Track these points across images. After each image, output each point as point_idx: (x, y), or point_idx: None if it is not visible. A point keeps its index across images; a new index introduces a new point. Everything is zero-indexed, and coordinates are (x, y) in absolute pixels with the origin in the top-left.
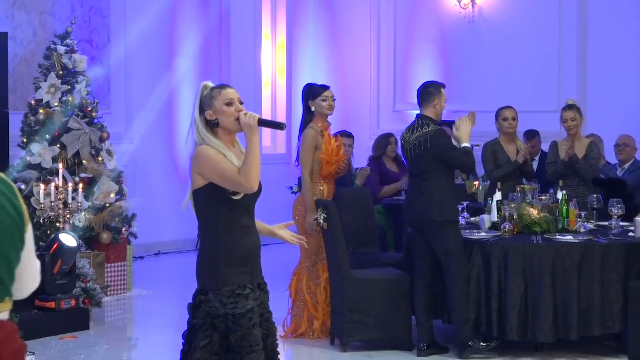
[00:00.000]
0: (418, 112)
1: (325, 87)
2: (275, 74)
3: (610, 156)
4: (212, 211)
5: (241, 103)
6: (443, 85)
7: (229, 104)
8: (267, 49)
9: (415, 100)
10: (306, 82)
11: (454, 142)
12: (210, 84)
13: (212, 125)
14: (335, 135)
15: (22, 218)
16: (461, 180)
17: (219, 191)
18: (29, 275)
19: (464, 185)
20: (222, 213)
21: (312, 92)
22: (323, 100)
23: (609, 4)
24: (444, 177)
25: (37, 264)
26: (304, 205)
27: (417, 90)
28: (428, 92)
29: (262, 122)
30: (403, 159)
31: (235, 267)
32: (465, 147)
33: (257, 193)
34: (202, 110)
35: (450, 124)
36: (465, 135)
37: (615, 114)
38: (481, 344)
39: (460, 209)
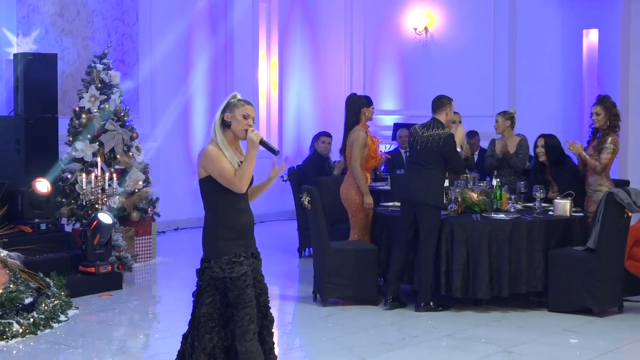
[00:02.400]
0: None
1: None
2: (269, 87)
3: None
4: (213, 196)
5: (253, 120)
6: (452, 99)
7: (245, 117)
8: (263, 67)
9: (380, 107)
10: (351, 93)
11: None
12: (239, 96)
13: (225, 125)
14: (324, 134)
15: None
16: None
17: (218, 182)
18: None
19: None
20: (221, 198)
21: (366, 101)
22: (373, 108)
23: (535, 30)
24: (441, 170)
25: None
26: (351, 190)
27: (433, 99)
28: (442, 102)
29: (262, 143)
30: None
31: (232, 240)
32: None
33: (250, 182)
34: (224, 110)
35: (408, 126)
36: (459, 140)
37: (538, 119)
38: (438, 307)
39: None
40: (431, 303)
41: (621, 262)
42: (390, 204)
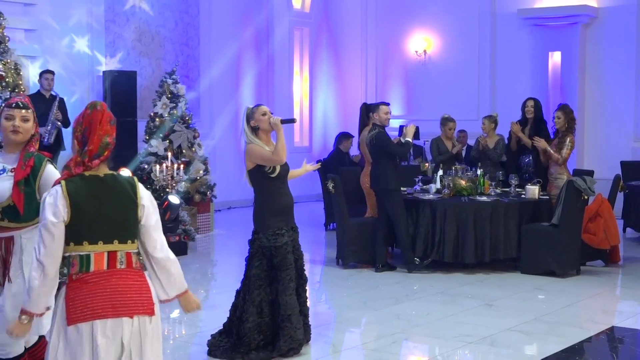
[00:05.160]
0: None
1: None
2: (302, 97)
3: None
4: (260, 183)
5: (270, 112)
6: (385, 104)
7: (264, 114)
8: (297, 81)
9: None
10: (362, 103)
11: (401, 138)
12: (251, 106)
13: (255, 130)
14: (346, 136)
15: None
16: (417, 162)
17: (262, 171)
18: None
19: (419, 166)
20: (266, 184)
21: (373, 107)
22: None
23: (511, 52)
24: (387, 161)
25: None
26: (365, 177)
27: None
28: (372, 108)
29: (283, 121)
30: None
31: (276, 217)
32: (407, 140)
33: (286, 170)
34: (248, 121)
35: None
36: (409, 134)
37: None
38: (423, 262)
39: (416, 180)
40: (415, 260)
41: (579, 235)
42: None
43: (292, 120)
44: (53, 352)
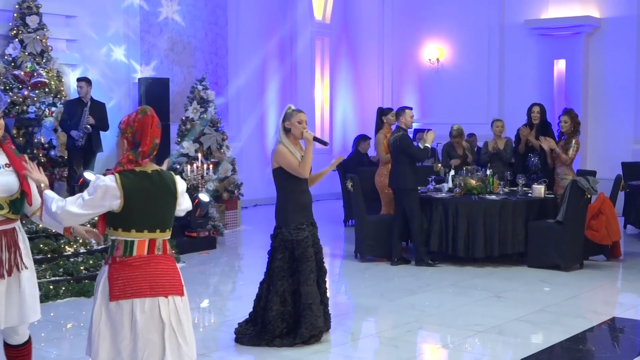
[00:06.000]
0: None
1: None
2: (323, 102)
3: None
4: (283, 182)
5: (306, 123)
6: (409, 108)
7: (300, 122)
8: (318, 87)
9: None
10: (378, 107)
11: (420, 143)
12: (293, 107)
13: (287, 131)
14: (364, 138)
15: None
16: (431, 163)
17: (287, 171)
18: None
19: (432, 167)
20: (289, 183)
21: (387, 111)
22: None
23: (518, 60)
24: (405, 162)
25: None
26: (380, 177)
27: (395, 111)
28: (398, 112)
29: (315, 139)
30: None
31: (297, 213)
32: (426, 147)
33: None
34: (284, 120)
35: (424, 131)
36: (429, 140)
37: (520, 125)
38: (430, 261)
39: (429, 180)
40: (424, 258)
41: (582, 231)
42: None
43: (324, 143)
44: (96, 325)
